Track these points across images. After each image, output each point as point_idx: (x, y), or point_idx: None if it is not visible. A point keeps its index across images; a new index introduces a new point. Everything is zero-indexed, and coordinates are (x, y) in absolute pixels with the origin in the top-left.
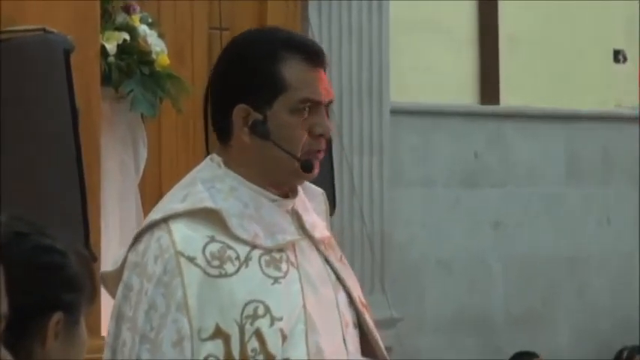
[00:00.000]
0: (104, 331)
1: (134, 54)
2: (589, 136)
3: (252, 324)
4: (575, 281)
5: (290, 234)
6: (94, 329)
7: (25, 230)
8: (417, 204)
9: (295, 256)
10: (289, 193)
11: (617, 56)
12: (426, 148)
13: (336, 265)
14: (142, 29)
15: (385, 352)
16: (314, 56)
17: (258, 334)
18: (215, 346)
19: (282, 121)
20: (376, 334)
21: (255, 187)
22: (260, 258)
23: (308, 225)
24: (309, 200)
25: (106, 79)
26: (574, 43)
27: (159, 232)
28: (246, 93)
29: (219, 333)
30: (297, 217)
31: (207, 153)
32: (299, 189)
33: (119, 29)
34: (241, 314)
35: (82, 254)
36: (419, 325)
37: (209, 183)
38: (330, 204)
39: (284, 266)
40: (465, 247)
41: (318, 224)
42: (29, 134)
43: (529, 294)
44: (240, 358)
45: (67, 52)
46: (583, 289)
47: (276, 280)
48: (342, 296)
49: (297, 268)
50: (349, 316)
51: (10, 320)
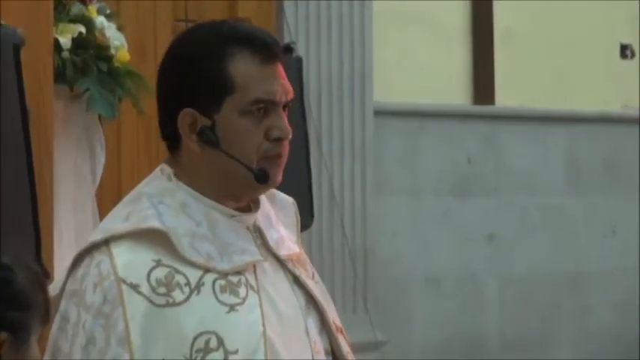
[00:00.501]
0: None
1: (91, 49)
2: (592, 140)
3: (203, 359)
4: (578, 301)
5: (249, 254)
6: None
7: None
8: (403, 215)
9: (256, 279)
10: (251, 205)
11: (624, 51)
12: (413, 153)
13: (308, 285)
14: (100, 21)
15: None
16: (265, 49)
17: None
18: None
19: (232, 126)
20: None
21: (209, 201)
22: (214, 283)
23: (272, 242)
24: (278, 211)
25: (60, 76)
26: (576, 37)
27: (99, 256)
28: (191, 96)
29: None
30: (259, 234)
31: None
32: (262, 200)
33: (74, 21)
34: (191, 348)
35: (32, 269)
36: (405, 349)
37: (157, 198)
38: (308, 215)
39: (242, 291)
40: (456, 263)
41: (284, 240)
42: None
43: (526, 315)
44: None
45: (16, 47)
46: (586, 309)
47: (232, 308)
48: (313, 320)
49: (258, 291)
50: (321, 343)
51: None
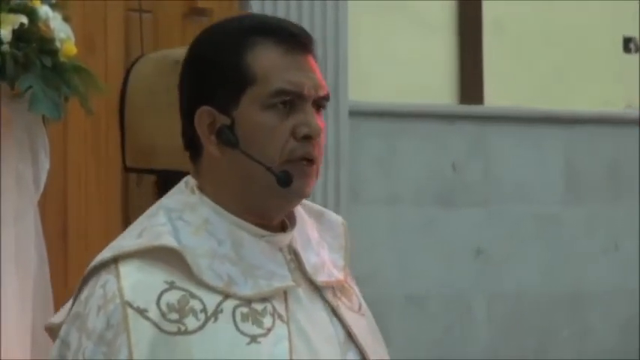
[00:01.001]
0: None
1: (33, 41)
2: (593, 144)
3: None
4: (576, 322)
5: (279, 279)
6: None
7: None
8: (381, 226)
9: (286, 308)
10: (287, 223)
11: (628, 45)
12: (393, 157)
13: (348, 318)
14: (44, 11)
15: None
16: (290, 38)
17: None
18: None
19: (252, 122)
20: None
21: (235, 218)
22: (234, 310)
23: (309, 266)
24: (324, 231)
25: None
26: (575, 29)
27: (106, 276)
28: (209, 92)
29: None
30: (294, 257)
31: (124, 166)
32: (302, 218)
33: (15, 11)
34: None
35: None
36: None
37: (176, 213)
38: None
39: (267, 321)
40: (440, 280)
41: (325, 265)
42: None
43: (519, 338)
44: None
45: None
46: (585, 332)
47: (254, 339)
48: (353, 356)
49: (287, 322)
50: None
51: None
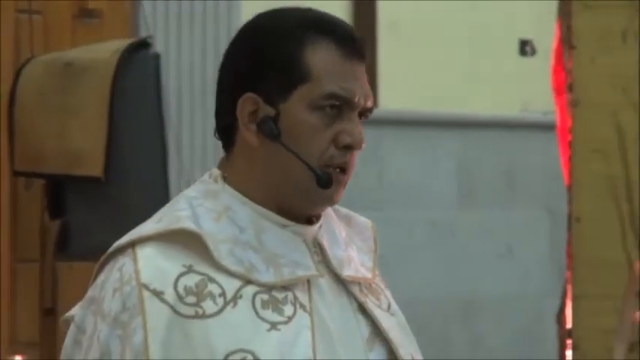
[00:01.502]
0: None
1: None
2: (488, 148)
3: None
4: (470, 329)
5: (303, 268)
6: None
7: None
8: None
9: (310, 298)
10: (313, 218)
11: (524, 48)
12: None
13: (375, 313)
14: None
15: None
16: (350, 43)
17: None
18: None
19: (298, 120)
20: None
21: (258, 207)
22: (254, 297)
23: (334, 260)
24: (354, 234)
25: None
26: (471, 32)
27: (123, 259)
28: (258, 80)
29: None
30: (319, 249)
31: (13, 170)
32: (329, 216)
33: None
34: None
35: None
36: None
37: (198, 200)
38: None
39: (288, 309)
40: None
41: (353, 261)
42: None
43: None
44: None
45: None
46: (479, 339)
47: (274, 326)
48: (377, 355)
49: (311, 312)
50: None
51: None
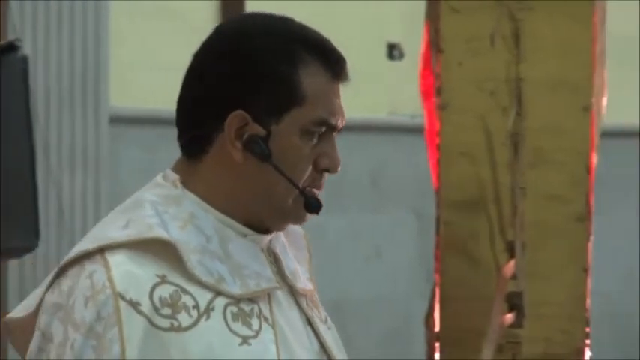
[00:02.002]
0: None
1: None
2: (356, 152)
3: None
4: (339, 332)
5: (265, 280)
6: None
7: None
8: None
9: (270, 310)
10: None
11: (392, 51)
12: (153, 164)
13: (321, 329)
14: None
15: None
16: (337, 65)
17: None
18: None
19: (289, 143)
20: None
21: (221, 215)
22: (225, 309)
23: (288, 271)
24: (290, 243)
25: None
26: (338, 34)
27: (92, 266)
28: (249, 96)
29: None
30: (274, 259)
31: None
32: None
33: None
34: None
35: None
36: None
37: (162, 206)
38: (33, 235)
39: (255, 323)
40: None
41: (299, 274)
42: None
43: None
44: None
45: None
46: (349, 341)
47: (245, 340)
48: None
49: (273, 325)
50: None
51: None
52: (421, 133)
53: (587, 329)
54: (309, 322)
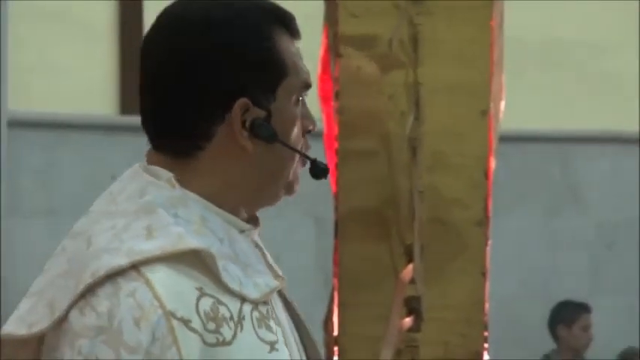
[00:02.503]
0: None
1: None
2: None
3: None
4: None
5: (269, 277)
6: None
7: None
8: (40, 239)
9: (274, 310)
10: (251, 218)
11: None
12: (52, 169)
13: (297, 319)
14: None
15: None
16: (294, 25)
17: None
18: None
19: (287, 116)
20: None
21: (227, 214)
22: (252, 316)
23: (272, 262)
24: None
25: None
26: None
27: (130, 284)
28: (247, 83)
29: None
30: (261, 252)
31: None
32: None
33: None
34: None
35: None
36: None
37: (172, 209)
38: None
39: (273, 325)
40: None
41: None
42: None
43: None
44: None
45: None
46: None
47: (272, 347)
48: None
49: (280, 325)
50: None
51: None
52: (320, 137)
53: (486, 333)
54: (290, 313)
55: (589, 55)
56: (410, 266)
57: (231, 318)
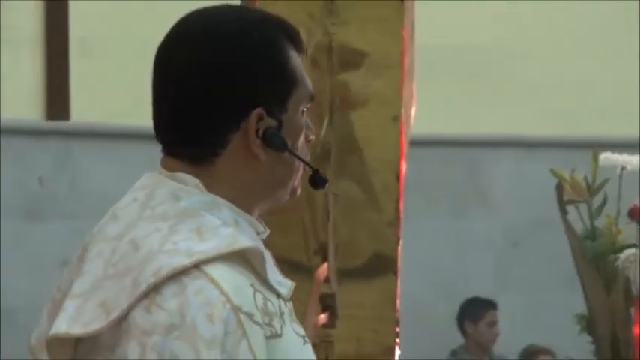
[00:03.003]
0: None
1: None
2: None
3: None
4: None
5: (283, 277)
6: None
7: None
8: None
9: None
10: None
11: None
12: None
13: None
14: None
15: None
16: (299, 39)
17: None
18: None
19: (296, 127)
20: None
21: (250, 217)
22: (286, 311)
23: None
24: None
25: None
26: (154, 48)
27: (195, 282)
28: (262, 94)
29: None
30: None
31: None
32: None
33: None
34: None
35: None
36: None
37: (209, 212)
38: None
39: (297, 319)
40: (30, 293)
41: None
42: None
43: None
44: None
45: None
46: None
47: (305, 340)
48: None
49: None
50: None
51: None
52: None
53: (397, 329)
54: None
55: (496, 62)
56: (324, 265)
57: (276, 313)
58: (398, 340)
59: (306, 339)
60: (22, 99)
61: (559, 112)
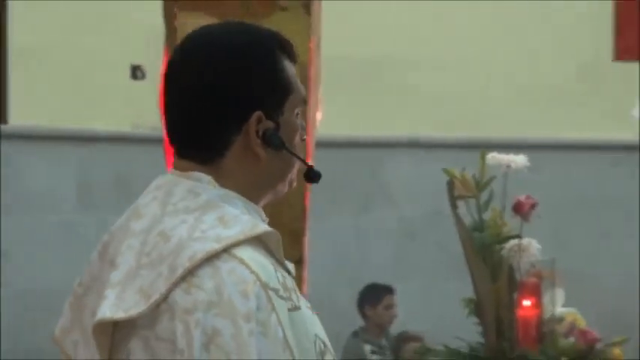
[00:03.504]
0: None
1: None
2: (105, 159)
3: None
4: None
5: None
6: None
7: None
8: None
9: None
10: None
11: (135, 72)
12: None
13: None
14: None
15: None
16: (292, 50)
17: None
18: None
19: (292, 127)
20: None
21: (257, 206)
22: (294, 286)
23: None
24: None
25: None
26: (90, 56)
27: (227, 263)
28: (262, 99)
29: None
30: None
31: None
32: None
33: None
34: (315, 351)
35: None
36: None
37: (227, 204)
38: None
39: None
40: None
41: None
42: None
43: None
44: None
45: None
46: None
47: (312, 311)
48: None
49: None
50: None
51: None
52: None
53: None
54: None
55: (398, 70)
56: None
57: (292, 288)
58: None
59: (313, 310)
60: None
61: (453, 117)
